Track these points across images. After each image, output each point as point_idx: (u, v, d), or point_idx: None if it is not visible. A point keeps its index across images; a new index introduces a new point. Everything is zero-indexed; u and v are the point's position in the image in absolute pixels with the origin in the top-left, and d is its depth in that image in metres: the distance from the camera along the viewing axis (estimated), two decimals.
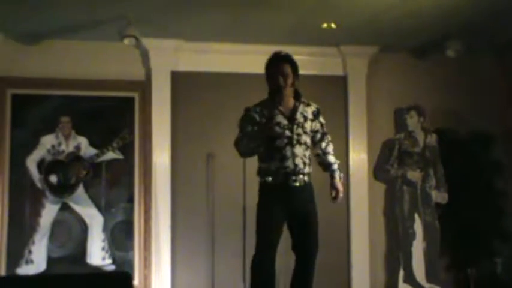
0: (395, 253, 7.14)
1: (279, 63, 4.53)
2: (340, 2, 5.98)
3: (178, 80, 7.07)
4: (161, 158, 6.94)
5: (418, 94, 7.30)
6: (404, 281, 6.98)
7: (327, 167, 4.71)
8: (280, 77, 4.49)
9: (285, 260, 5.38)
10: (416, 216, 7.03)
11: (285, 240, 4.58)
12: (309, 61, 7.19)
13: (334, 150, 4.78)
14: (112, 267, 6.84)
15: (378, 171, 7.33)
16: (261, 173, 4.56)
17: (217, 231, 6.84)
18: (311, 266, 4.55)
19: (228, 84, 7.01)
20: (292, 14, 6.25)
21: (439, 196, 7.05)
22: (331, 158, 4.71)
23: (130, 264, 6.86)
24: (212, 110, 7.02)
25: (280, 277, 5.10)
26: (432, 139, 7.14)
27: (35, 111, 6.89)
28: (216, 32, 6.75)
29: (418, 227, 7.02)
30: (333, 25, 6.51)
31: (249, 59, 6.84)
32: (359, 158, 7.28)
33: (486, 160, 7.30)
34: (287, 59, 4.55)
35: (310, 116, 4.61)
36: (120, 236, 6.92)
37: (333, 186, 4.67)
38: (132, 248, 6.90)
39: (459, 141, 7.32)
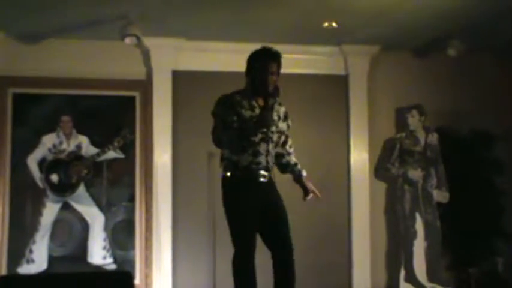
0: (397, 252, 7.14)
1: (270, 61, 4.38)
2: (341, 1, 5.97)
3: (179, 79, 7.07)
4: (162, 157, 6.94)
5: (419, 93, 7.29)
6: (406, 280, 6.98)
7: (292, 166, 4.56)
8: (270, 76, 4.36)
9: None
10: (417, 215, 7.03)
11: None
12: (310, 60, 7.24)
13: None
14: (113, 267, 6.84)
15: (379, 170, 7.33)
16: (229, 165, 4.39)
17: (218, 230, 6.81)
18: (293, 262, 4.34)
19: (229, 83, 6.91)
20: (293, 13, 6.25)
21: (440, 195, 7.05)
22: (294, 159, 4.60)
23: (131, 263, 6.87)
24: None
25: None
26: (433, 138, 7.14)
27: (36, 110, 6.90)
28: (217, 31, 6.75)
29: (419, 226, 7.02)
30: (334, 24, 6.51)
31: None
32: (360, 157, 7.28)
33: (487, 159, 7.29)
34: (277, 58, 4.41)
35: (282, 115, 4.50)
36: (121, 235, 6.92)
37: (305, 184, 4.52)
38: (133, 247, 6.90)
39: (460, 140, 7.32)
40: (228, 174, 4.41)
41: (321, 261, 6.86)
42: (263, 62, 4.38)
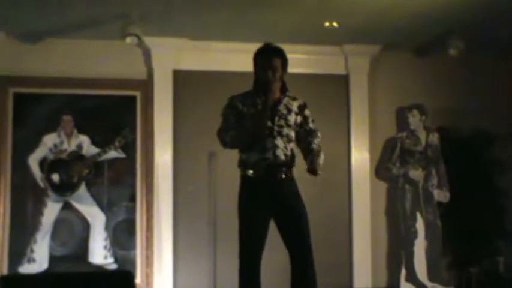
0: (397, 252, 7.14)
1: (269, 56, 4.42)
2: (342, 1, 5.97)
3: (181, 78, 7.07)
4: (163, 157, 6.94)
5: (420, 93, 7.30)
6: (406, 280, 6.98)
7: (309, 152, 4.41)
8: (269, 71, 4.38)
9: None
10: (418, 215, 7.03)
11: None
12: (311, 60, 7.23)
13: (321, 143, 4.51)
14: (114, 266, 6.84)
15: (380, 169, 7.33)
16: (241, 164, 4.42)
17: (219, 229, 6.83)
18: (307, 267, 4.34)
19: (230, 83, 6.96)
20: (294, 13, 6.25)
21: (441, 195, 7.04)
22: (314, 146, 4.43)
23: (132, 263, 6.87)
24: (214, 109, 6.94)
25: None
26: (434, 138, 7.14)
27: (37, 110, 6.90)
28: (218, 31, 6.75)
29: (420, 225, 7.02)
30: (335, 24, 6.51)
31: (251, 58, 6.82)
32: (361, 156, 7.27)
33: (488, 159, 7.29)
34: (278, 53, 4.44)
35: (295, 109, 4.49)
36: (122, 235, 6.93)
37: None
38: (134, 246, 6.90)
39: (461, 139, 7.31)
40: (243, 173, 4.42)
41: (321, 261, 6.76)
42: (263, 58, 4.44)
